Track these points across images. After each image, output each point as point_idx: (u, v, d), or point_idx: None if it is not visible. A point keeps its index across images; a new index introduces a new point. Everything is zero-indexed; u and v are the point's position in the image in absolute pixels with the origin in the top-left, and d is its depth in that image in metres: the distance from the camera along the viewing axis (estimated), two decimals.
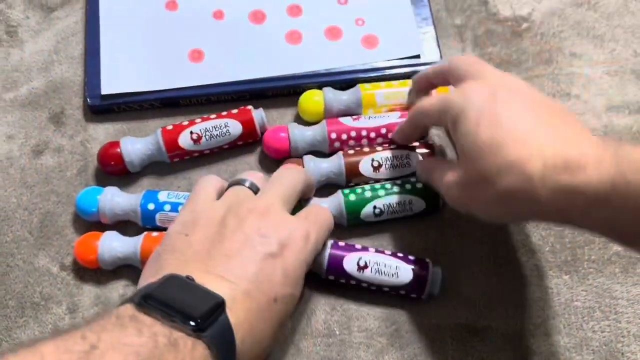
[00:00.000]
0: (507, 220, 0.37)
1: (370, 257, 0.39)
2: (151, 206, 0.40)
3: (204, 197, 0.36)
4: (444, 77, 0.39)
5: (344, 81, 0.46)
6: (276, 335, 0.32)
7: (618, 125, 0.46)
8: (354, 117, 0.44)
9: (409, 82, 0.45)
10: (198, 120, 0.43)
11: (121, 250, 0.39)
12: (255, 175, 0.38)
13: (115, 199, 0.41)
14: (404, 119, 0.43)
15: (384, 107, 0.45)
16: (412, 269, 0.38)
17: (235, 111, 0.43)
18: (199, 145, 0.43)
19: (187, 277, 0.30)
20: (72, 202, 0.43)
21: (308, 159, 0.42)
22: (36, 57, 0.49)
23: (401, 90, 0.45)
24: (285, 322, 0.34)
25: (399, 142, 0.43)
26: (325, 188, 0.43)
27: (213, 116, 0.43)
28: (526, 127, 0.32)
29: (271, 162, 0.44)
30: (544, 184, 0.30)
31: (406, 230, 0.42)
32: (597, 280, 0.41)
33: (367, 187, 0.42)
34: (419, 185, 0.41)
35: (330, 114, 0.44)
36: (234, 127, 0.43)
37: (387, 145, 0.43)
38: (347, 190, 0.41)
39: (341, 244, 0.39)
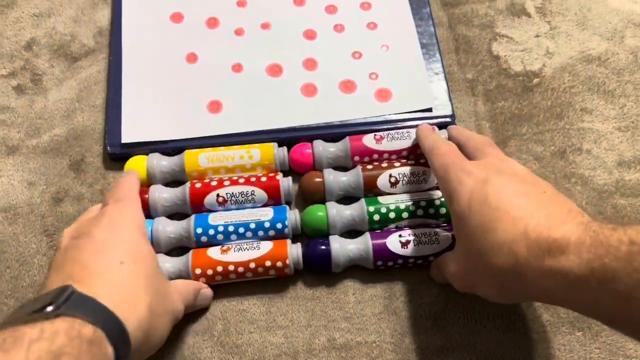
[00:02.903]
0: (506, 300, 0.37)
1: (407, 232, 0.42)
2: (199, 230, 0.43)
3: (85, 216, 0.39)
4: (459, 146, 0.42)
5: (357, 133, 0.47)
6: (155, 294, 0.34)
7: (630, 180, 0.46)
8: (377, 137, 0.45)
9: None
10: (227, 181, 0.44)
11: (172, 270, 0.42)
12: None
13: (168, 228, 0.43)
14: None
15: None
16: (451, 234, 0.41)
17: (264, 179, 0.44)
18: (222, 207, 0.44)
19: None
20: None
21: (328, 172, 0.44)
22: (59, 105, 0.50)
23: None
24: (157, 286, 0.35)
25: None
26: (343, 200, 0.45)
27: (242, 180, 0.44)
28: (514, 208, 0.33)
29: (296, 174, 0.46)
30: (529, 265, 0.31)
31: (416, 280, 0.42)
32: (610, 337, 0.40)
33: (391, 208, 0.43)
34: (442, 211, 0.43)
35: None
36: (260, 195, 0.44)
37: (404, 161, 0.45)
38: (371, 209, 0.43)
39: (377, 233, 0.42)
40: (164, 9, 0.53)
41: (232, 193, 0.44)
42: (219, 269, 0.41)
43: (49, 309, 0.28)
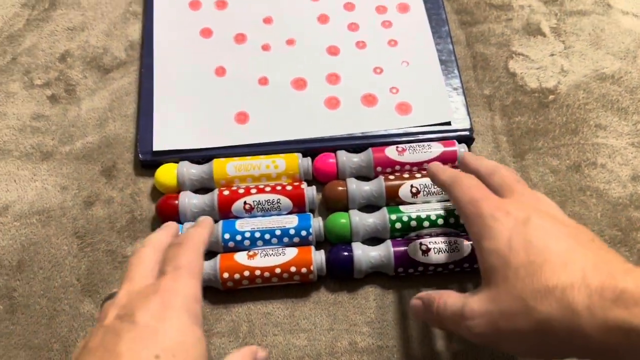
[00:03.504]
0: (545, 357, 0.32)
1: (428, 240, 0.43)
2: (227, 235, 0.44)
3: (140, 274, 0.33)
4: (479, 177, 0.38)
5: (378, 144, 0.49)
6: None
7: None
8: (399, 149, 0.47)
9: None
10: (253, 189, 0.46)
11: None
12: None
13: None
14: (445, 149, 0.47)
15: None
16: (471, 243, 0.42)
17: (289, 188, 0.46)
18: (249, 214, 0.45)
19: None
20: (119, 251, 0.46)
21: (351, 182, 0.46)
22: (92, 114, 0.52)
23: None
24: None
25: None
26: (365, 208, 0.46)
27: (268, 189, 0.46)
28: (564, 250, 0.30)
29: (319, 183, 0.48)
30: (591, 317, 0.27)
31: (436, 286, 0.43)
32: None
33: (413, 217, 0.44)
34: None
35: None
36: (285, 203, 0.45)
37: (425, 172, 0.46)
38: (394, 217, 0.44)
39: (398, 240, 0.44)
40: (194, 24, 0.55)
41: (259, 201, 0.45)
42: (246, 273, 0.42)
43: None
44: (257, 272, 0.42)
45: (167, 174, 0.47)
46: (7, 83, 0.54)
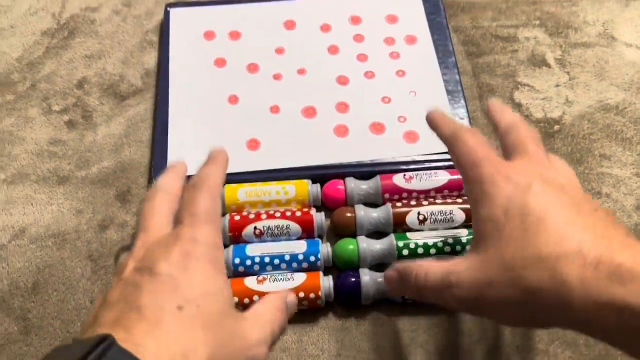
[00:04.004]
0: (529, 326, 0.32)
1: None
2: (237, 260, 0.45)
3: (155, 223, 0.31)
4: (497, 131, 0.37)
5: (386, 171, 0.50)
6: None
7: None
8: (407, 177, 0.48)
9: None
10: (263, 215, 0.47)
11: None
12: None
13: None
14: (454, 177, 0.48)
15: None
16: None
17: (298, 213, 0.47)
18: (258, 239, 0.46)
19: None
20: None
21: (359, 208, 0.47)
22: (108, 139, 0.54)
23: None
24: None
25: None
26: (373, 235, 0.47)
27: (278, 214, 0.47)
28: (563, 222, 0.28)
29: (327, 209, 0.49)
30: (583, 290, 0.26)
31: (442, 314, 0.44)
32: None
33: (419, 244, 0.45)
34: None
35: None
36: (294, 229, 0.46)
37: (432, 199, 0.47)
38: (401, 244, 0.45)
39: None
40: (209, 54, 0.57)
41: (269, 226, 0.46)
42: (255, 298, 0.43)
43: None
44: (270, 294, 0.43)
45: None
46: (26, 109, 0.56)
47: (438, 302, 0.33)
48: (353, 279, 0.44)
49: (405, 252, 0.45)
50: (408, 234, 0.46)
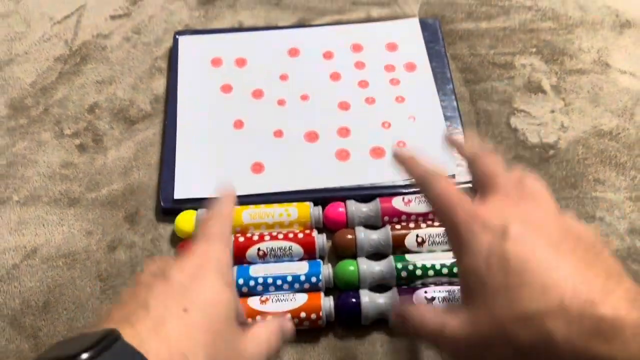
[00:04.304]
0: None
1: (432, 289, 0.45)
2: (241, 281, 0.46)
3: None
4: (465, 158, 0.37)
5: (385, 194, 0.51)
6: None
7: None
8: (405, 200, 0.50)
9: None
10: (267, 237, 0.48)
11: None
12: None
13: None
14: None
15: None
16: None
17: (300, 235, 0.48)
18: (262, 260, 0.48)
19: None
20: None
21: (359, 230, 0.49)
22: (117, 162, 0.56)
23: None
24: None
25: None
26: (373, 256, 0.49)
27: (281, 236, 0.48)
28: (542, 269, 0.28)
29: (329, 231, 0.50)
30: (569, 347, 0.26)
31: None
32: None
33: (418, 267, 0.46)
34: None
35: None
36: (297, 250, 0.48)
37: (430, 222, 0.49)
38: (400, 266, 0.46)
39: (404, 288, 0.46)
40: (215, 80, 0.59)
41: (272, 247, 0.48)
42: (258, 318, 0.45)
43: (84, 356, 0.25)
44: (269, 318, 0.44)
45: (186, 220, 0.50)
46: (39, 132, 0.58)
47: (434, 349, 0.34)
48: (353, 300, 0.45)
49: (404, 273, 0.46)
50: (407, 256, 0.47)
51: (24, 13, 0.67)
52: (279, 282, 0.46)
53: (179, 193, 0.51)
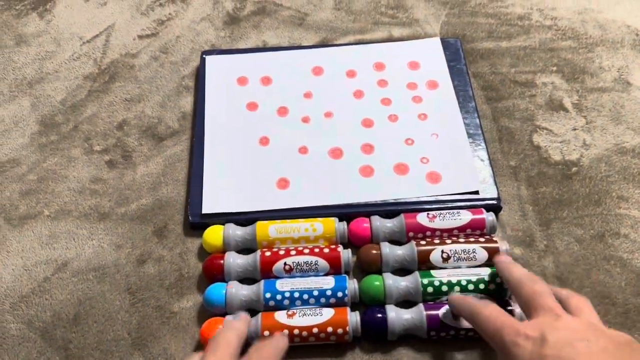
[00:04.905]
0: None
1: None
2: (268, 295, 0.47)
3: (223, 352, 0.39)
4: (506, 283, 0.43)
5: (409, 210, 0.52)
6: None
7: None
8: (430, 216, 0.50)
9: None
10: (293, 251, 0.49)
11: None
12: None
13: (241, 291, 0.47)
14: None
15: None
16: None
17: (326, 250, 0.49)
18: (288, 275, 0.49)
19: None
20: (167, 307, 0.49)
21: (384, 246, 0.49)
22: (146, 178, 0.57)
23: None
24: None
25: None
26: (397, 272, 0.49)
27: (307, 251, 0.49)
28: None
29: (354, 246, 0.51)
30: None
31: (468, 350, 0.45)
32: None
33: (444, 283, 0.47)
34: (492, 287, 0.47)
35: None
36: (322, 265, 0.49)
37: (455, 238, 0.50)
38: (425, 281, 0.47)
39: (430, 304, 0.46)
40: (242, 98, 0.61)
41: (298, 262, 0.48)
42: (285, 332, 0.45)
43: None
44: (296, 332, 0.45)
45: (214, 235, 0.50)
46: (69, 149, 0.60)
47: None
48: (380, 315, 0.45)
49: (430, 289, 0.46)
50: (432, 272, 0.48)
51: (54, 33, 0.69)
52: (305, 296, 0.47)
53: (207, 208, 0.52)
